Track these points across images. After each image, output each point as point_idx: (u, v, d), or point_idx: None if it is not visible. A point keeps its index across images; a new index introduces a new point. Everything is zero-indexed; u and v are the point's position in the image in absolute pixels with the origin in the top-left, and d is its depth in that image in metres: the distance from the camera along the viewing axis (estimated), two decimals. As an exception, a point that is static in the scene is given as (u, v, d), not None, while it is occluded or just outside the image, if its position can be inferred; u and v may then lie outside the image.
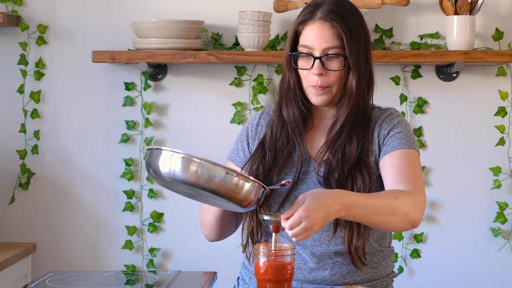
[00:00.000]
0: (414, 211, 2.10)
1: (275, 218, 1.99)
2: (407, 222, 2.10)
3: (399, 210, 2.08)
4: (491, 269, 3.41)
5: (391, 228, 2.18)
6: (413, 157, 2.21)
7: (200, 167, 1.95)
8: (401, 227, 2.14)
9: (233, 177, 1.96)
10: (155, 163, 1.99)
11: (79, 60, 3.40)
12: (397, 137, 2.22)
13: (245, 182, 1.98)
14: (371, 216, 2.05)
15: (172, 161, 1.97)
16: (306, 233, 1.95)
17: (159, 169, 1.99)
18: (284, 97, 2.27)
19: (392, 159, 2.19)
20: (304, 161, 2.24)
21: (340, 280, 2.22)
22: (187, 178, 1.96)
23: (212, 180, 1.95)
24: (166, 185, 2.05)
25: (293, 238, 1.95)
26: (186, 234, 3.40)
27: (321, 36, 2.17)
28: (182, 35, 3.24)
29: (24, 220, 3.43)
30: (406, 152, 2.20)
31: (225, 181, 1.96)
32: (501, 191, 3.40)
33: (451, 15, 3.28)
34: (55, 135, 3.43)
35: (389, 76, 3.39)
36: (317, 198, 1.96)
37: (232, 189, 1.97)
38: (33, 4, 3.40)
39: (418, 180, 2.18)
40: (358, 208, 2.02)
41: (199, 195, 2.04)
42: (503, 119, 3.40)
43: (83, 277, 2.39)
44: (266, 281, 1.98)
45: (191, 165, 1.95)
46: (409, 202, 2.10)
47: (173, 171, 1.97)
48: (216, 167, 1.96)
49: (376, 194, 2.11)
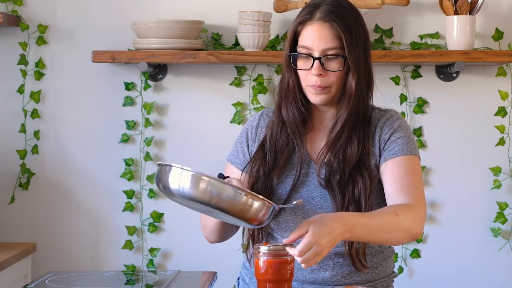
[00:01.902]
0: (415, 225, 2.12)
1: (275, 248, 2.00)
2: (408, 236, 2.13)
3: (400, 226, 2.10)
4: (491, 269, 3.41)
5: (393, 243, 2.22)
6: (413, 164, 2.21)
7: (209, 186, 1.94)
8: (403, 241, 2.17)
9: (242, 196, 1.95)
10: (164, 179, 1.99)
11: (79, 60, 3.40)
12: (398, 142, 2.22)
13: (254, 201, 1.96)
14: (374, 235, 2.07)
15: (181, 178, 1.96)
16: (315, 259, 1.96)
17: (169, 185, 1.98)
18: (283, 97, 2.27)
19: (393, 167, 2.19)
20: (304, 162, 2.24)
21: (340, 280, 2.22)
22: (196, 196, 1.96)
23: (222, 198, 1.94)
24: (176, 201, 2.04)
25: (302, 264, 1.96)
26: (186, 234, 3.40)
27: (320, 37, 2.17)
28: (182, 35, 3.24)
29: (24, 220, 3.43)
30: (407, 159, 2.20)
31: (234, 200, 1.95)
32: (501, 191, 3.40)
33: (451, 15, 3.28)
34: (55, 135, 3.43)
35: (389, 76, 3.39)
36: (321, 223, 1.97)
37: (242, 208, 1.96)
38: (33, 4, 3.40)
39: (418, 190, 2.18)
40: (361, 229, 2.03)
41: (209, 211, 2.03)
42: (503, 119, 3.40)
43: (83, 277, 2.39)
44: (266, 281, 1.98)
45: (201, 183, 1.94)
46: (410, 216, 2.12)
47: (182, 188, 1.96)
48: (225, 186, 1.95)
49: (377, 212, 2.12)
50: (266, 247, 1.99)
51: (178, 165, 1.97)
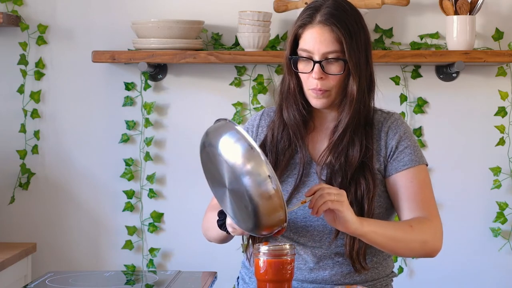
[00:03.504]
0: (435, 240, 2.18)
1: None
2: (422, 250, 2.17)
3: (416, 238, 2.14)
4: (491, 269, 3.41)
5: (406, 254, 2.22)
6: (424, 175, 2.23)
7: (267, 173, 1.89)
8: (417, 253, 2.20)
9: (282, 207, 1.91)
10: (229, 146, 1.92)
11: (79, 60, 3.40)
12: (407, 152, 2.23)
13: (282, 214, 1.93)
14: (384, 238, 2.10)
15: (245, 152, 1.90)
16: (336, 198, 1.99)
17: (227, 152, 1.92)
18: (284, 99, 2.26)
19: (405, 181, 2.21)
20: (306, 163, 2.23)
21: (340, 280, 2.22)
22: (242, 177, 1.90)
23: (263, 191, 1.89)
24: (207, 161, 1.97)
25: (312, 210, 1.98)
26: (186, 234, 3.40)
27: (320, 40, 2.16)
28: (182, 35, 3.24)
29: (24, 220, 3.43)
30: (417, 170, 2.22)
31: (271, 201, 1.90)
32: (501, 191, 3.40)
33: (451, 15, 3.28)
34: (55, 135, 3.43)
35: (389, 76, 3.39)
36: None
37: (271, 211, 1.91)
38: (33, 4, 3.40)
39: (433, 204, 2.22)
40: (373, 225, 2.08)
41: (226, 195, 1.98)
42: (503, 119, 3.40)
43: (83, 277, 2.39)
44: (266, 281, 1.98)
45: (260, 168, 1.89)
46: (428, 230, 2.16)
47: (235, 157, 1.91)
48: (278, 190, 1.90)
49: (392, 222, 2.19)
50: (266, 247, 1.99)
51: (253, 141, 1.91)
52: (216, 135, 1.96)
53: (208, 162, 2.00)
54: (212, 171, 2.00)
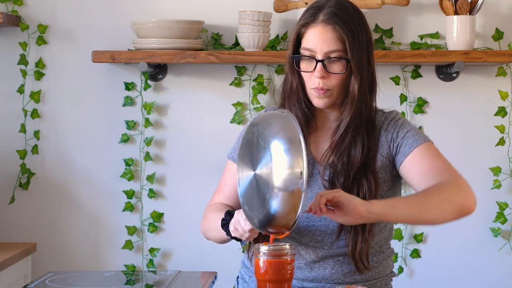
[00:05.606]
0: (468, 198, 2.14)
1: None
2: (456, 206, 2.11)
3: (444, 197, 2.09)
4: (491, 269, 3.41)
5: (437, 220, 2.13)
6: (434, 149, 2.21)
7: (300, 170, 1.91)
8: (451, 216, 2.12)
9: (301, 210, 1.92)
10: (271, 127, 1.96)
11: (79, 60, 3.40)
12: (409, 135, 2.22)
13: (295, 216, 1.93)
14: (406, 211, 2.06)
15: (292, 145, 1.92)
16: (333, 192, 1.98)
17: (269, 133, 1.95)
18: (287, 99, 2.26)
19: (416, 160, 2.19)
20: (308, 163, 2.23)
21: (340, 279, 2.22)
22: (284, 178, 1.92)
23: (289, 184, 1.90)
24: (250, 140, 1.99)
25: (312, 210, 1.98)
26: (186, 234, 3.40)
27: (323, 39, 2.16)
28: (182, 35, 3.24)
29: (24, 220, 3.43)
30: (424, 147, 2.20)
31: (293, 200, 1.91)
32: (501, 191, 3.40)
33: (451, 15, 3.28)
34: (55, 135, 3.43)
35: (389, 76, 3.39)
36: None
37: (290, 207, 1.92)
38: (33, 4, 3.40)
39: (451, 168, 2.17)
40: (384, 200, 2.08)
41: (253, 177, 1.97)
42: (503, 119, 3.40)
43: (83, 277, 2.39)
44: (266, 281, 1.97)
45: (295, 161, 1.91)
46: (454, 187, 2.12)
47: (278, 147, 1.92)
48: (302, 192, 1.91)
49: (412, 194, 2.13)
50: (266, 247, 1.98)
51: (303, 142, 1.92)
52: (272, 122, 1.98)
53: (250, 141, 2.00)
54: (249, 151, 2.00)
